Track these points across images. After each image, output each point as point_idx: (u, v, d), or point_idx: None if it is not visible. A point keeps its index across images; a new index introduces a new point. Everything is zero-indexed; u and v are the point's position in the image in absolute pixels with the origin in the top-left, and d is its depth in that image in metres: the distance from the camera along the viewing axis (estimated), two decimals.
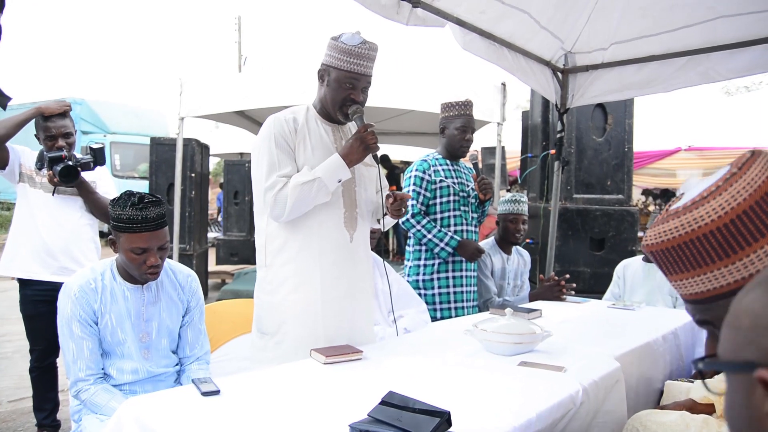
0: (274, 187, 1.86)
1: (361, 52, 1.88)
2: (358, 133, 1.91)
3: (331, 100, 1.95)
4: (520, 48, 3.19)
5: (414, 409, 1.17)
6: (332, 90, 1.94)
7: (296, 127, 1.94)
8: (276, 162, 1.89)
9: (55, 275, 2.61)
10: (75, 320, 1.78)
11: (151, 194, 1.81)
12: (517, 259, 3.36)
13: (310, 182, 1.84)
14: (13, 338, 4.92)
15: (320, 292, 1.93)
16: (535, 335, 1.88)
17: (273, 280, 1.95)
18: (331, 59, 1.92)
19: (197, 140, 6.08)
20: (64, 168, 2.52)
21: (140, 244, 1.76)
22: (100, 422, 1.71)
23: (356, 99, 1.93)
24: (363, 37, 1.91)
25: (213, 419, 1.28)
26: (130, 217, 1.74)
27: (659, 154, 9.64)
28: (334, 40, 1.92)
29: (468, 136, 2.96)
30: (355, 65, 1.89)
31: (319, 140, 1.97)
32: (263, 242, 1.98)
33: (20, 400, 3.49)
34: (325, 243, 1.94)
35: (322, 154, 1.93)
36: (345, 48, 1.88)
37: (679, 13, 2.95)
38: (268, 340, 1.95)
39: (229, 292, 5.72)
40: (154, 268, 1.80)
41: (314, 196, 1.86)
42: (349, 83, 1.91)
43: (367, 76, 1.94)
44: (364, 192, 2.07)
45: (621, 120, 4.99)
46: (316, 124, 2.00)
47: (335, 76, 1.92)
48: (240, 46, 17.90)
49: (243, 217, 8.32)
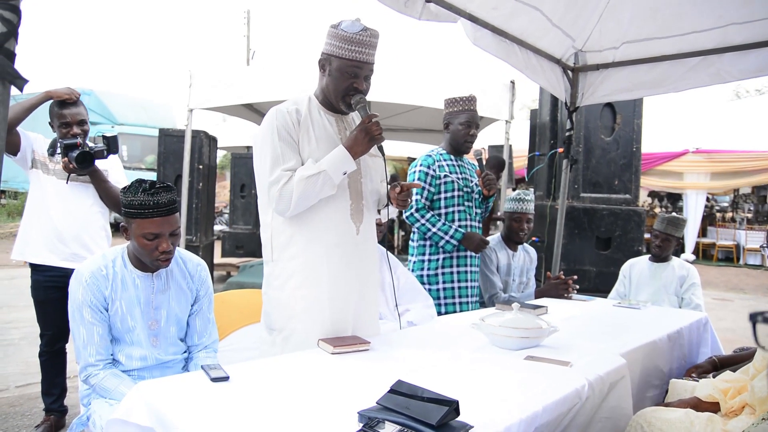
0: (278, 182, 1.82)
1: (363, 39, 1.84)
2: (362, 124, 1.87)
3: (334, 90, 1.91)
4: (531, 45, 3.19)
5: (422, 397, 1.18)
6: (334, 79, 1.90)
7: (299, 119, 1.90)
8: (280, 155, 1.85)
9: (66, 261, 2.64)
10: (86, 306, 1.79)
11: (161, 181, 1.83)
12: (524, 256, 3.37)
13: (315, 175, 1.81)
14: (20, 325, 4.97)
15: (328, 287, 1.91)
16: (542, 330, 1.89)
17: (280, 275, 1.93)
18: (332, 48, 1.87)
19: (205, 132, 6.10)
20: (80, 154, 2.54)
21: (152, 229, 1.77)
22: (109, 406, 1.73)
23: (359, 88, 1.89)
24: (363, 24, 1.87)
25: (222, 404, 1.30)
26: (141, 203, 1.75)
27: (667, 155, 9.60)
28: (334, 28, 1.87)
29: (472, 131, 2.96)
30: (357, 53, 1.85)
31: (322, 131, 1.94)
32: (269, 237, 1.95)
33: (27, 385, 3.52)
34: (333, 236, 1.91)
35: (327, 145, 1.90)
36: (346, 36, 1.84)
37: (688, 19, 2.95)
38: (276, 336, 1.93)
39: (234, 284, 5.75)
40: (166, 254, 1.81)
41: (319, 190, 1.83)
42: (352, 72, 1.87)
43: (370, 63, 1.89)
44: (369, 183, 2.03)
45: (630, 120, 4.97)
46: (319, 115, 1.96)
47: (337, 65, 1.88)
48: (248, 39, 17.92)
49: (249, 210, 8.35)
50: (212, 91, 4.53)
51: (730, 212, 14.54)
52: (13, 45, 1.28)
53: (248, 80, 4.59)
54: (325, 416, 1.24)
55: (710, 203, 14.00)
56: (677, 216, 3.49)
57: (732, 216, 14.15)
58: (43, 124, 2.70)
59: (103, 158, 2.66)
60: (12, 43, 1.27)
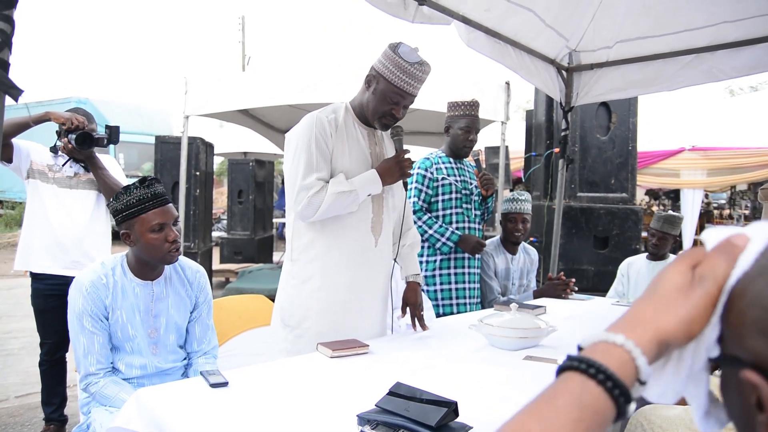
0: (309, 188, 1.88)
1: (416, 73, 1.89)
2: (397, 157, 1.98)
3: (373, 108, 1.97)
4: (525, 46, 3.20)
5: (421, 399, 1.18)
6: (377, 99, 1.95)
7: (336, 128, 1.96)
8: (314, 163, 1.91)
9: (67, 269, 2.63)
10: (86, 315, 1.79)
11: (147, 177, 1.86)
12: (524, 258, 3.32)
13: (347, 193, 1.89)
14: (19, 335, 4.96)
15: (345, 293, 1.98)
16: (540, 330, 1.90)
17: (298, 276, 2.00)
18: (384, 69, 1.91)
19: (202, 139, 6.10)
20: (80, 135, 2.59)
21: (157, 219, 1.79)
22: (109, 414, 1.72)
23: (396, 115, 1.96)
24: (420, 56, 1.91)
25: (221, 410, 1.30)
26: (140, 198, 1.79)
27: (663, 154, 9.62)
28: (392, 50, 1.91)
29: (471, 137, 2.96)
30: (406, 84, 1.90)
31: (356, 144, 2.01)
32: (290, 236, 2.04)
33: (27, 395, 3.51)
34: (353, 246, 1.99)
35: (358, 158, 1.99)
36: (401, 64, 1.87)
37: (681, 17, 2.96)
38: (289, 333, 2.00)
39: (233, 290, 5.75)
40: (176, 243, 1.84)
41: (346, 206, 1.92)
42: (395, 99, 1.93)
43: (413, 95, 1.96)
44: (391, 199, 2.13)
45: (625, 119, 4.99)
46: (354, 127, 2.03)
47: (383, 87, 1.92)
48: (243, 45, 17.92)
49: (247, 216, 8.35)
50: (208, 98, 4.52)
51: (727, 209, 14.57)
52: (7, 55, 1.28)
53: (244, 86, 4.59)
54: (325, 420, 1.24)
55: (707, 200, 14.03)
56: (673, 214, 3.49)
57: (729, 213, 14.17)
58: (40, 134, 2.70)
59: (103, 146, 2.69)
60: (6, 53, 1.27)
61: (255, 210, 8.36)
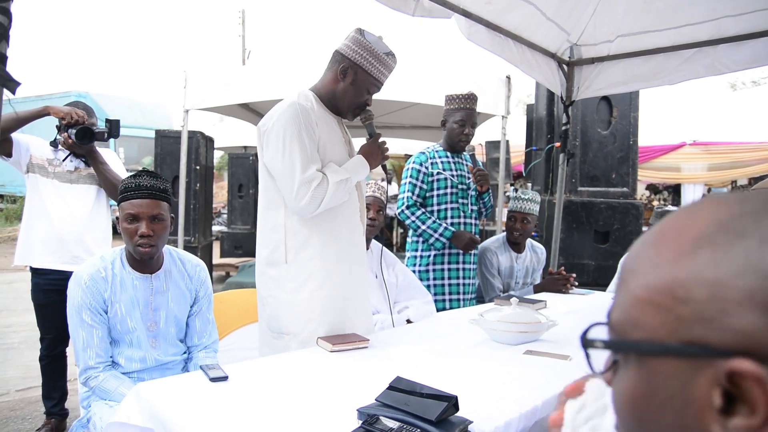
0: (311, 181, 1.77)
1: (389, 63, 1.91)
2: (376, 140, 1.98)
3: (350, 100, 1.94)
4: (526, 40, 3.18)
5: (421, 393, 1.18)
6: (354, 90, 1.91)
7: (315, 117, 1.87)
8: (309, 154, 1.80)
9: (67, 264, 2.62)
10: (85, 309, 1.79)
11: (152, 171, 1.87)
12: (530, 257, 3.28)
13: (344, 181, 1.84)
14: (20, 329, 4.96)
15: (347, 287, 1.94)
16: (541, 324, 1.89)
17: (296, 277, 1.87)
18: (361, 60, 1.87)
19: (202, 133, 6.08)
20: (80, 129, 2.57)
21: (131, 210, 1.80)
22: (109, 408, 1.73)
23: (368, 103, 1.98)
24: (387, 46, 1.92)
25: (221, 404, 1.30)
26: (125, 186, 1.82)
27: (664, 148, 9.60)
28: (360, 35, 1.87)
29: (467, 130, 2.94)
30: (382, 75, 1.92)
31: (332, 133, 1.95)
32: (281, 238, 1.87)
33: (28, 389, 3.52)
34: (347, 237, 1.97)
35: (338, 147, 1.95)
36: (376, 53, 1.87)
37: (682, 11, 2.94)
38: (290, 340, 1.87)
39: (233, 284, 5.76)
40: (146, 239, 1.79)
41: (342, 196, 1.87)
42: (371, 90, 1.94)
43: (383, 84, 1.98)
44: (363, 185, 2.15)
45: (626, 113, 4.97)
46: (326, 115, 1.96)
47: (363, 78, 1.90)
48: (244, 39, 17.84)
49: (247, 210, 8.34)
50: (208, 92, 4.51)
51: None
52: (4, 48, 1.27)
53: (244, 80, 4.57)
54: (325, 414, 1.24)
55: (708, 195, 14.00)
56: (671, 209, 3.48)
57: None
58: (40, 129, 2.69)
59: (104, 140, 2.67)
60: (3, 46, 1.27)
61: (255, 204, 8.32)
